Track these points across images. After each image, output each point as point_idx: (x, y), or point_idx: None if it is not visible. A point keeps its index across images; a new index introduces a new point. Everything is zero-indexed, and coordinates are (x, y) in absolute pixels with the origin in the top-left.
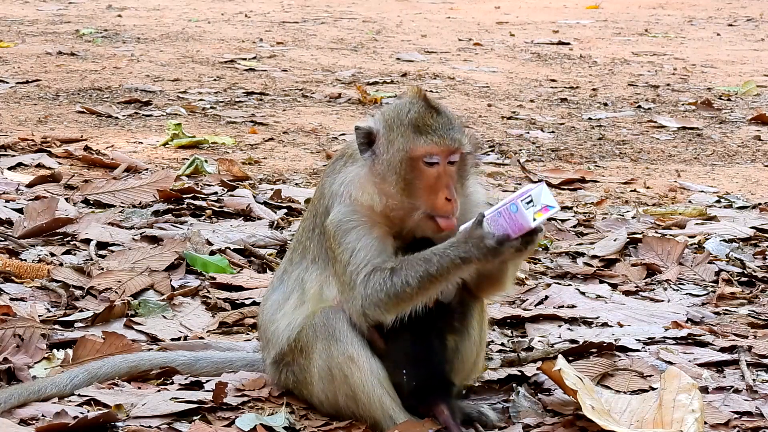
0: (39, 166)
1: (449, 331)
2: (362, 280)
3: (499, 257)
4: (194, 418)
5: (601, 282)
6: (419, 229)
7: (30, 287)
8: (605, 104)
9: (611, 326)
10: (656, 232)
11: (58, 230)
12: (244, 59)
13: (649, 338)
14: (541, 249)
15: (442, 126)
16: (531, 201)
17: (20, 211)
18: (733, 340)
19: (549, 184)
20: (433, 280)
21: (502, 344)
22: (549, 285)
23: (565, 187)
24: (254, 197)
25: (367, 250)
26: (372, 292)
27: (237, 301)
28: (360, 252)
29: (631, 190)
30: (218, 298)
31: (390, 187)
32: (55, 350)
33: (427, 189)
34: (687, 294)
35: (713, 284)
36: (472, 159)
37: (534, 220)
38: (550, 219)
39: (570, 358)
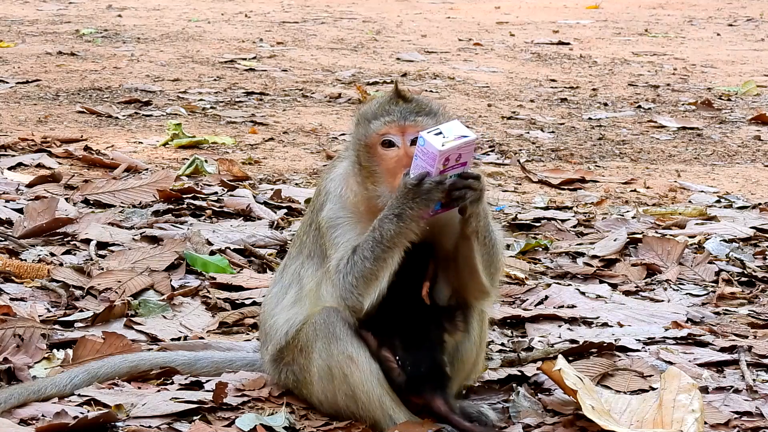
0: (39, 166)
1: (449, 329)
2: (334, 268)
3: (425, 199)
4: (194, 418)
5: (601, 282)
6: None
7: (30, 287)
8: (605, 104)
9: (611, 326)
10: (656, 232)
11: (58, 230)
12: (244, 59)
13: (649, 338)
14: (541, 249)
15: (402, 109)
16: (440, 133)
17: (20, 211)
18: (733, 340)
19: (549, 184)
20: (383, 247)
21: (502, 344)
22: (549, 285)
23: (565, 187)
24: (254, 197)
25: (347, 244)
26: (342, 277)
27: (237, 301)
28: (341, 247)
29: (631, 190)
30: (218, 298)
31: (359, 179)
32: (55, 350)
33: (388, 173)
34: (687, 294)
35: (713, 284)
36: None
37: (443, 146)
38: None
39: (570, 358)
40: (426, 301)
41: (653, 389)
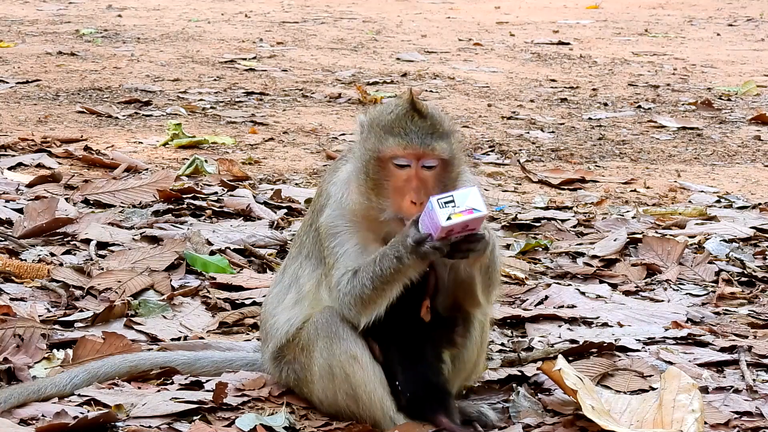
0: (39, 166)
1: (447, 345)
2: (335, 283)
3: (422, 257)
4: (194, 418)
5: (601, 282)
6: (396, 232)
7: (30, 287)
8: (605, 104)
9: (611, 326)
10: (656, 232)
11: (58, 230)
12: (244, 59)
13: (649, 338)
14: (541, 249)
15: (419, 129)
16: (452, 201)
17: (20, 211)
18: (733, 340)
19: (549, 184)
20: (383, 280)
21: (502, 344)
22: (549, 285)
23: (565, 187)
24: (254, 197)
25: (347, 255)
26: (342, 295)
27: (237, 301)
28: (341, 257)
29: (631, 190)
30: (218, 298)
31: (363, 189)
32: (55, 350)
33: (395, 190)
34: (687, 294)
35: (713, 284)
36: (457, 167)
37: (448, 219)
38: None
39: (570, 358)
40: (425, 319)
41: (653, 389)
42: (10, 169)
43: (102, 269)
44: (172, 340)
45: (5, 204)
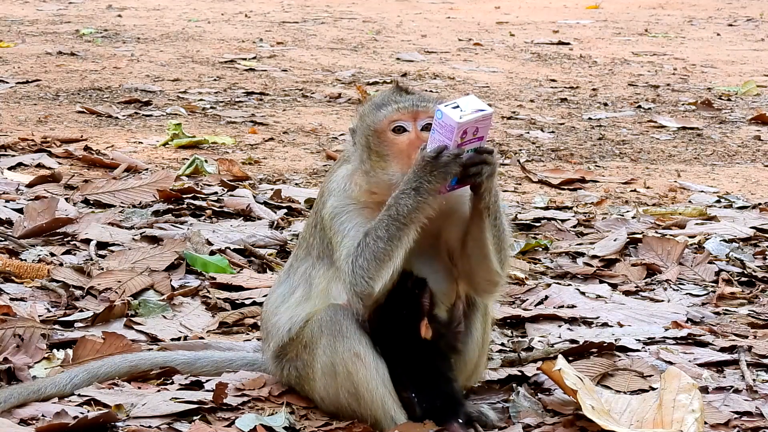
0: (39, 166)
1: (451, 351)
2: (345, 254)
3: (443, 171)
4: (194, 418)
5: (601, 282)
6: None
7: (30, 287)
8: (605, 104)
9: (611, 326)
10: (656, 232)
11: (58, 230)
12: (244, 59)
13: (649, 338)
14: (541, 249)
15: (407, 98)
16: (458, 107)
17: (20, 211)
18: (733, 340)
19: (549, 184)
20: (399, 224)
21: (502, 344)
22: (549, 285)
23: (565, 187)
24: (254, 197)
25: (356, 228)
26: (353, 261)
27: (237, 301)
28: (350, 231)
29: (631, 190)
30: (218, 298)
31: (368, 166)
32: (55, 350)
33: (399, 155)
34: (687, 294)
35: (713, 284)
36: None
37: (460, 118)
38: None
39: (570, 358)
40: (427, 338)
41: (653, 389)
42: (10, 169)
43: (102, 269)
44: (172, 340)
45: (5, 204)
